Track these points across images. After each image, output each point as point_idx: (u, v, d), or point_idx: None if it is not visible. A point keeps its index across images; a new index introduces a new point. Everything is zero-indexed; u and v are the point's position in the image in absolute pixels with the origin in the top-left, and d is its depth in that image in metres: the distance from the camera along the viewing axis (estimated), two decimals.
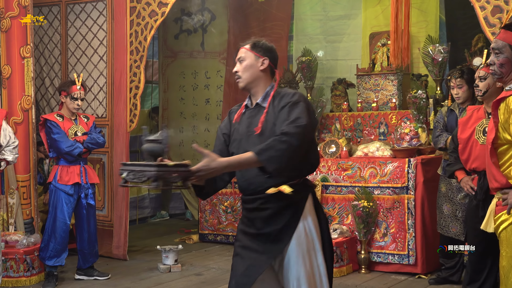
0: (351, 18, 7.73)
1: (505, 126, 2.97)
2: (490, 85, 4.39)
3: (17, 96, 6.32)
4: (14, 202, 6.20)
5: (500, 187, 3.05)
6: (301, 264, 3.15)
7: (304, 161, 3.22)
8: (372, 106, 6.89)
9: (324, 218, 3.32)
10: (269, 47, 3.43)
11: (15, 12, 6.30)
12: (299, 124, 3.08)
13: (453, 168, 4.79)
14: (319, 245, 3.21)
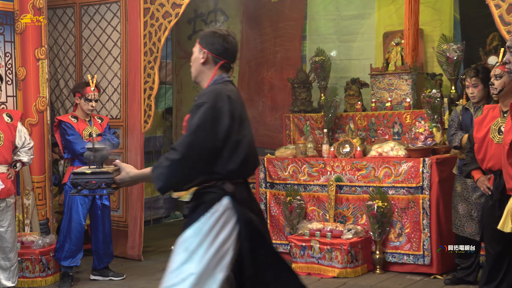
0: (364, 18, 7.69)
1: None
2: (505, 84, 4.37)
3: (32, 97, 6.35)
4: (30, 203, 6.22)
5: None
6: (174, 257, 3.18)
7: (207, 169, 3.11)
8: (386, 106, 6.86)
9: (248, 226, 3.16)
10: (209, 37, 3.29)
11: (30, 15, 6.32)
12: (188, 134, 3.03)
13: (470, 168, 4.76)
14: (214, 249, 3.08)
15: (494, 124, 4.34)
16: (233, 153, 3.16)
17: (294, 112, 7.52)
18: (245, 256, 3.16)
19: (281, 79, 8.18)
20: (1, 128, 5.33)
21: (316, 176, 6.50)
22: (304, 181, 6.57)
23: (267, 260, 3.23)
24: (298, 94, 7.51)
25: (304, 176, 6.57)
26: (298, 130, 7.46)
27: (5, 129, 5.35)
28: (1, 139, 5.31)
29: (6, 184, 5.30)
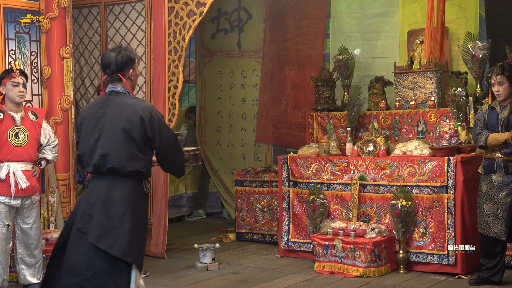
0: (388, 16, 7.63)
1: None
2: None
3: (57, 96, 6.37)
4: (55, 201, 6.25)
5: None
6: None
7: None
8: (410, 104, 6.81)
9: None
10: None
11: (55, 14, 6.34)
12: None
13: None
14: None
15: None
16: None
17: (317, 110, 7.50)
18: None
19: (304, 78, 8.16)
20: (26, 126, 5.35)
21: (339, 175, 6.46)
22: (327, 180, 6.53)
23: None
24: (322, 92, 7.48)
25: (327, 175, 6.53)
26: (321, 128, 7.44)
27: (30, 127, 5.37)
28: (27, 137, 5.33)
29: (31, 181, 5.32)
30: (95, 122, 3.79)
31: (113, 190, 3.72)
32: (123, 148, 3.71)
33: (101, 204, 3.69)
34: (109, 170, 3.71)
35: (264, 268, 6.31)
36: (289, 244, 6.75)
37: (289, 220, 6.75)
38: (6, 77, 5.31)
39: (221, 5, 8.90)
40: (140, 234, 3.80)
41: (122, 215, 3.69)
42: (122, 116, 3.73)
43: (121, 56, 3.82)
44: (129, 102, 3.80)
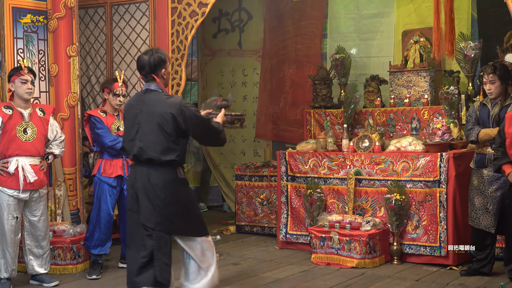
0: (384, 16, 7.63)
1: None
2: None
3: (63, 93, 6.36)
4: (61, 194, 6.24)
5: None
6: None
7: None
8: (404, 102, 6.82)
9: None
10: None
11: (62, 13, 6.33)
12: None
13: (500, 163, 4.69)
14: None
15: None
16: None
17: (315, 108, 7.50)
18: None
19: (302, 76, 8.16)
20: (34, 122, 5.35)
21: (336, 169, 6.46)
22: (324, 175, 6.53)
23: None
24: (319, 90, 7.49)
25: (324, 170, 6.53)
26: (318, 125, 7.44)
27: (38, 123, 5.37)
28: (34, 133, 5.33)
29: (39, 175, 5.32)
30: (134, 117, 4.16)
31: (152, 176, 4.10)
32: (158, 141, 4.07)
33: (144, 189, 4.10)
34: (147, 160, 4.10)
35: (263, 260, 6.31)
36: (287, 236, 6.75)
37: (287, 213, 6.76)
38: (15, 75, 5.31)
39: (222, 5, 8.89)
40: (183, 212, 4.17)
41: (163, 199, 4.08)
42: (156, 113, 4.07)
43: (153, 58, 4.14)
44: (161, 99, 4.12)
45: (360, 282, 5.39)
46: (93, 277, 5.67)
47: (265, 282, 5.43)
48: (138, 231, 4.13)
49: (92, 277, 5.66)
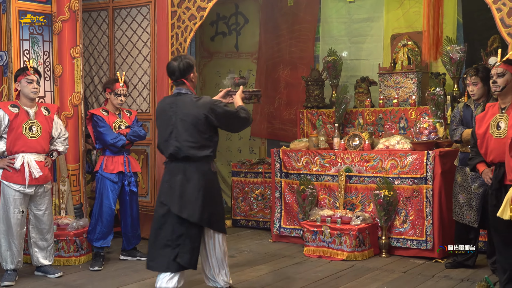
0: (373, 21, 7.61)
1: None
2: (508, 81, 4.32)
3: (67, 92, 6.36)
4: (65, 189, 6.24)
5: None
6: None
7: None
8: (393, 103, 6.82)
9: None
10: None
11: (66, 16, 6.32)
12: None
13: (474, 162, 4.70)
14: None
15: (493, 120, 4.33)
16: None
17: (308, 107, 7.49)
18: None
19: (296, 77, 8.14)
20: (40, 120, 5.34)
21: (327, 167, 6.46)
22: (316, 172, 6.53)
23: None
24: (312, 91, 7.48)
25: (316, 167, 6.53)
26: (311, 124, 7.43)
27: (43, 121, 5.36)
28: (40, 130, 5.31)
29: (44, 171, 5.31)
30: (168, 119, 4.29)
31: (188, 172, 4.25)
32: (194, 140, 4.22)
33: (180, 183, 4.23)
34: (183, 157, 4.24)
35: (258, 252, 6.31)
36: (280, 230, 6.75)
37: (281, 208, 6.75)
38: (21, 75, 5.30)
39: (220, 10, 8.88)
40: (213, 204, 4.32)
41: (197, 192, 4.22)
42: (189, 114, 4.21)
43: (183, 64, 4.29)
44: (192, 101, 4.24)
45: (350, 274, 5.39)
46: (95, 268, 5.66)
47: (260, 274, 5.43)
48: (169, 221, 4.23)
49: (95, 269, 5.66)
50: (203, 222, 4.25)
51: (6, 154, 5.22)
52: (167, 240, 4.22)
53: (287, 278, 5.31)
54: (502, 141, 4.25)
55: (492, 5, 4.99)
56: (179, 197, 4.23)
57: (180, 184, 4.25)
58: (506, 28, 4.94)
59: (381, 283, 5.09)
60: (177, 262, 4.20)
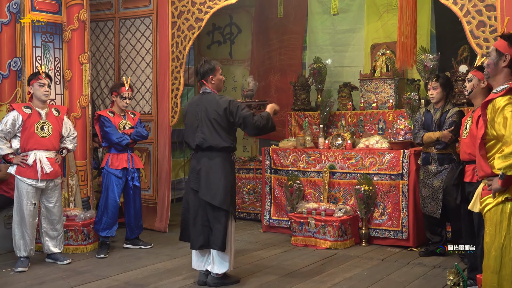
0: (355, 32, 7.62)
1: (492, 124, 2.89)
2: (474, 86, 4.33)
3: (76, 95, 6.32)
4: (74, 183, 6.20)
5: (486, 176, 2.97)
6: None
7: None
8: (372, 106, 6.82)
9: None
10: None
11: (75, 26, 6.27)
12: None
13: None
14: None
15: (466, 122, 4.34)
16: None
17: (295, 110, 7.48)
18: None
19: (285, 83, 8.14)
20: (51, 121, 5.31)
21: (313, 164, 6.45)
22: (303, 168, 6.52)
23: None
24: (299, 95, 7.47)
25: (303, 164, 6.52)
26: (298, 125, 7.42)
27: (54, 122, 5.33)
28: (50, 130, 5.28)
29: (54, 167, 5.27)
30: (194, 115, 4.51)
31: (212, 161, 4.47)
32: (216, 132, 4.42)
33: (205, 171, 4.46)
34: (208, 147, 4.45)
35: (249, 241, 6.30)
36: (270, 221, 6.74)
37: (270, 201, 6.75)
38: (34, 79, 5.26)
39: (215, 21, 8.86)
40: (231, 190, 4.52)
41: (219, 178, 4.44)
42: (212, 110, 4.43)
43: (202, 68, 4.55)
44: (215, 99, 4.46)
45: (333, 261, 5.39)
46: (101, 256, 5.63)
47: (251, 261, 5.42)
48: (201, 205, 4.49)
49: (101, 256, 5.63)
50: (223, 205, 4.43)
51: (20, 152, 5.18)
52: (204, 221, 4.47)
53: (276, 265, 5.30)
54: (465, 141, 4.31)
55: (462, 18, 5.00)
56: (205, 183, 4.45)
57: (205, 172, 4.45)
58: (475, 39, 4.95)
59: (361, 269, 5.10)
60: (210, 242, 4.46)
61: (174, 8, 6.75)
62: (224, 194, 4.44)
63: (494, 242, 2.88)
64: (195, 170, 4.52)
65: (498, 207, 2.89)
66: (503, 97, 2.88)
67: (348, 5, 7.64)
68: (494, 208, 2.91)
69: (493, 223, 2.90)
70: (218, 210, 4.44)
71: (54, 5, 6.32)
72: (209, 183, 4.45)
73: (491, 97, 2.94)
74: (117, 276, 4.98)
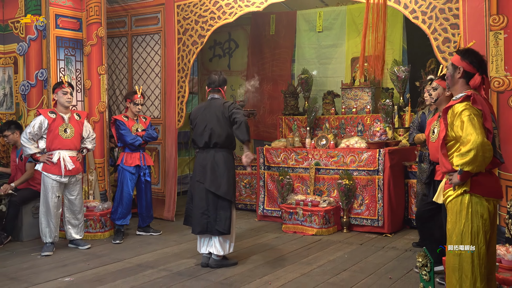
0: (337, 47, 7.65)
1: (451, 127, 2.93)
2: (439, 94, 4.29)
3: (95, 102, 6.32)
4: (93, 179, 6.20)
5: (447, 172, 3.01)
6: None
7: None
8: (352, 111, 6.84)
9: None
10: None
11: (94, 41, 6.28)
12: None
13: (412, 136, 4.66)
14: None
15: (432, 126, 4.31)
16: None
17: (285, 115, 7.51)
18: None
19: (276, 91, 8.16)
20: (72, 124, 5.31)
21: (301, 161, 6.47)
22: (292, 165, 6.54)
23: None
24: (289, 102, 7.50)
25: (292, 161, 6.54)
26: (288, 128, 7.44)
27: (75, 125, 5.33)
28: (72, 132, 5.28)
29: (76, 164, 5.27)
30: (203, 117, 4.56)
31: (217, 156, 4.50)
32: (221, 131, 4.48)
33: (210, 165, 4.49)
34: (214, 144, 4.50)
35: (246, 229, 6.32)
36: (264, 211, 6.76)
37: (264, 194, 6.77)
38: (58, 87, 5.27)
39: (216, 37, 8.87)
40: (233, 183, 4.53)
41: (223, 172, 4.47)
42: (218, 112, 4.50)
43: (221, 77, 4.65)
44: (220, 104, 4.54)
45: (318, 246, 5.41)
46: (117, 241, 5.64)
47: (248, 245, 5.44)
48: (204, 196, 4.49)
49: (116, 242, 5.64)
50: (227, 195, 4.45)
51: (46, 151, 5.18)
52: (204, 210, 4.46)
53: (269, 249, 5.32)
54: (434, 145, 4.16)
55: (430, 35, 5.03)
56: (211, 176, 4.46)
57: (211, 166, 4.48)
58: (441, 53, 4.98)
59: (343, 252, 5.12)
60: (213, 228, 4.44)
61: (180, 26, 6.76)
62: (227, 186, 4.46)
63: (455, 228, 2.92)
64: (202, 165, 4.53)
65: (458, 199, 2.91)
66: (460, 103, 2.91)
67: (331, 24, 7.67)
68: (454, 199, 2.94)
69: (454, 212, 2.93)
70: (222, 199, 4.46)
71: (76, 24, 6.32)
72: (214, 176, 4.46)
73: (451, 103, 2.98)
74: (130, 259, 4.98)
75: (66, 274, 4.49)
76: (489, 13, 4.53)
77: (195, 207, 4.55)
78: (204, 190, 4.49)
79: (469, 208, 2.87)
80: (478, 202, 2.87)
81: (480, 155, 2.75)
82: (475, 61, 3.02)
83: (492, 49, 4.51)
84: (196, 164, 4.62)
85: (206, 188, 4.47)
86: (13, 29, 6.52)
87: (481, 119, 2.85)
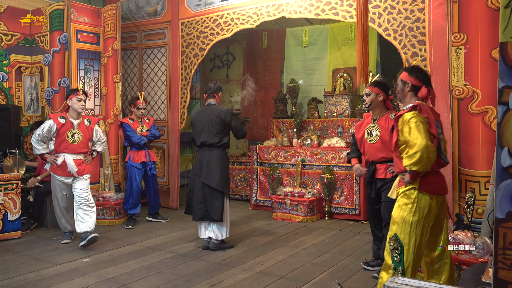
0: (321, 59, 7.66)
1: (402, 132, 2.96)
2: (373, 99, 3.95)
3: (111, 106, 6.30)
4: (109, 173, 6.18)
5: (400, 171, 3.04)
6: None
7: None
8: (333, 115, 6.86)
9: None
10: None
11: (110, 54, 6.27)
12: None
13: (350, 156, 4.25)
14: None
15: (367, 128, 3.99)
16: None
17: (276, 118, 7.51)
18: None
19: (268, 97, 8.17)
20: (81, 130, 4.95)
21: (289, 158, 6.49)
22: (281, 161, 6.55)
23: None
24: (278, 107, 7.50)
25: (281, 158, 6.55)
26: (278, 129, 7.45)
27: (84, 130, 4.97)
28: (80, 137, 4.92)
29: (80, 167, 4.88)
30: (201, 121, 4.59)
31: (212, 154, 4.54)
32: (216, 133, 4.52)
33: (206, 161, 4.53)
34: (209, 144, 4.54)
35: (241, 216, 6.33)
36: (257, 201, 6.77)
37: (257, 186, 6.77)
38: (73, 94, 4.94)
39: (215, 50, 8.86)
40: (225, 177, 4.55)
41: (216, 167, 4.51)
42: (213, 116, 4.53)
43: (215, 85, 4.71)
44: (216, 109, 4.58)
45: (304, 231, 5.44)
46: (129, 227, 5.64)
47: (243, 231, 5.45)
48: (201, 187, 4.52)
49: (129, 227, 5.64)
50: (219, 187, 4.48)
51: (54, 152, 5.02)
52: (202, 200, 4.50)
53: (261, 233, 5.34)
54: (374, 146, 3.90)
55: (400, 50, 5.06)
56: (206, 170, 4.49)
57: (206, 162, 4.50)
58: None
59: (325, 237, 5.14)
60: (209, 216, 4.47)
61: (183, 40, 6.75)
62: (220, 179, 4.49)
63: (398, 216, 2.91)
64: (199, 161, 4.58)
65: (407, 193, 2.92)
66: (409, 112, 2.93)
67: (315, 40, 7.69)
68: (404, 193, 2.95)
69: (402, 204, 2.93)
70: (216, 191, 4.49)
71: (94, 38, 6.30)
72: (209, 170, 4.51)
73: (401, 112, 2.98)
74: (141, 242, 4.99)
75: (84, 255, 4.48)
76: (451, 31, 4.57)
77: (194, 198, 4.58)
78: (201, 183, 4.53)
79: (415, 203, 2.88)
80: (423, 198, 2.88)
81: (425, 156, 2.76)
82: (420, 75, 3.05)
83: (454, 62, 4.54)
84: (195, 160, 4.67)
85: (202, 181, 4.51)
86: (39, 42, 6.48)
87: (426, 126, 2.86)
